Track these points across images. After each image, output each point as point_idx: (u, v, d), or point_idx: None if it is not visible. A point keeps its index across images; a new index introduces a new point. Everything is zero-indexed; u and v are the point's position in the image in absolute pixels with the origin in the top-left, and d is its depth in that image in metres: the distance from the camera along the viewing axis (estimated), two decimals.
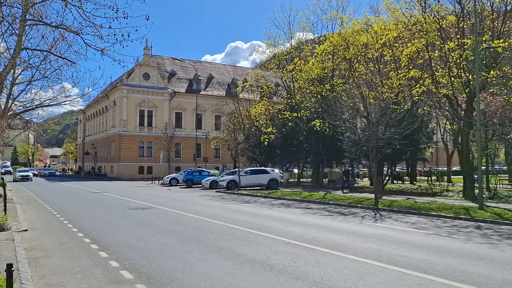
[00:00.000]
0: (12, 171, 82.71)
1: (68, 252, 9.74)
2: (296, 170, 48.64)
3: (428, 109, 30.69)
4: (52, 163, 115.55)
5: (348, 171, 34.47)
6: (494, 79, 22.37)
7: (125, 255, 9.35)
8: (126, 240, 11.15)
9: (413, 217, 16.43)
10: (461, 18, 23.06)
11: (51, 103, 18.33)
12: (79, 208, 20.01)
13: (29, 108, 19.01)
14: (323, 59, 33.96)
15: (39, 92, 18.67)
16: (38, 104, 18.41)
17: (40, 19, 12.00)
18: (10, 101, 17.46)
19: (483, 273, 7.78)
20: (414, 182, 41.50)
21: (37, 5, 11.92)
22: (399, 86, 26.00)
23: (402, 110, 24.90)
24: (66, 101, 18.32)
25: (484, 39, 21.45)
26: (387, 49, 28.06)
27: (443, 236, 12.00)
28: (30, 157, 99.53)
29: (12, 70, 14.60)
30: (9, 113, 18.38)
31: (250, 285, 7.03)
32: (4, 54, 14.28)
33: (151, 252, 9.60)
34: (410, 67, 26.12)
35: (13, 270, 5.23)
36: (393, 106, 23.04)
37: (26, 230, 12.82)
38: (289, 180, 43.13)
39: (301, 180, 44.29)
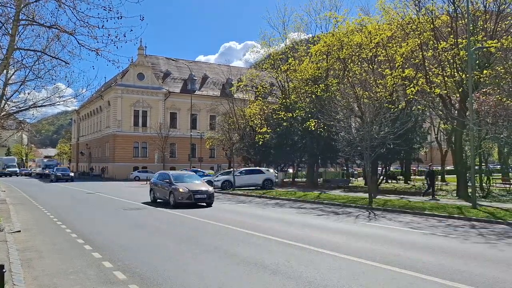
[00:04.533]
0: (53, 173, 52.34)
1: (61, 253, 9.70)
2: (291, 170, 48.72)
3: (422, 108, 30.82)
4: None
5: (432, 171, 25.17)
6: (487, 79, 22.52)
7: (118, 255, 9.33)
8: (120, 241, 11.12)
9: (407, 217, 16.51)
10: (455, 18, 23.21)
11: (44, 104, 18.18)
12: (72, 208, 19.93)
13: (23, 108, 18.85)
14: (318, 59, 34.04)
15: (32, 93, 18.50)
16: (32, 105, 18.26)
17: (34, 19, 11.94)
18: (3, 101, 17.28)
19: (475, 272, 7.84)
20: (408, 182, 41.70)
21: (30, 5, 11.86)
22: (393, 85, 26.12)
23: (396, 109, 25.00)
24: (60, 101, 18.17)
25: (478, 38, 21.59)
26: (381, 49, 28.16)
27: (436, 236, 12.07)
28: (24, 158, 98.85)
29: (5, 70, 14.49)
30: (2, 114, 18.20)
31: (243, 285, 7.04)
32: None
33: (145, 253, 9.58)
34: (406, 66, 26.25)
35: (5, 271, 5.21)
36: (387, 105, 23.12)
37: (19, 231, 12.75)
38: (284, 180, 43.19)
39: (296, 180, 44.35)
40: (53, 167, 63.03)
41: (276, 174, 39.84)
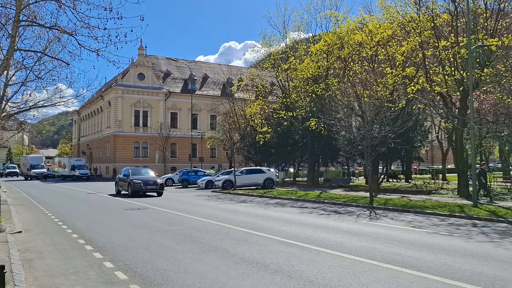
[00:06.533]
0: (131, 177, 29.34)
1: (62, 254, 9.71)
2: (291, 169, 48.73)
3: (423, 107, 30.82)
4: (47, 164, 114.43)
5: (484, 171, 22.71)
6: (487, 77, 22.50)
7: (119, 255, 9.34)
8: (121, 241, 11.13)
9: (408, 215, 16.50)
10: (455, 16, 23.20)
11: (45, 104, 18.20)
12: (73, 209, 19.95)
13: (23, 109, 18.88)
14: (318, 58, 34.05)
15: (33, 93, 18.52)
16: (32, 105, 18.29)
17: (34, 20, 11.95)
18: (4, 102, 17.31)
19: (476, 270, 7.83)
20: (410, 181, 41.69)
21: (31, 6, 11.87)
22: (394, 84, 26.12)
23: (396, 108, 25.00)
24: (61, 102, 18.20)
25: (479, 37, 21.58)
26: (381, 48, 28.16)
27: (437, 234, 12.06)
28: None
29: (5, 71, 14.50)
30: (3, 115, 18.27)
31: (244, 285, 7.04)
32: None
33: (146, 253, 9.58)
34: (406, 65, 26.25)
35: (5, 272, 5.22)
36: (388, 104, 23.12)
37: (20, 231, 12.76)
38: (285, 179, 43.19)
39: (296, 179, 44.35)
40: (83, 168, 57.22)
41: (277, 174, 39.89)
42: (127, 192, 27.51)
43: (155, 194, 27.52)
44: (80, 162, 59.49)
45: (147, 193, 27.52)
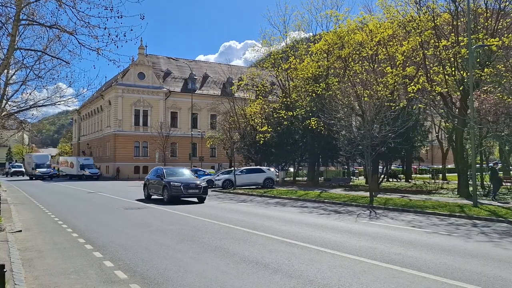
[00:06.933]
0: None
1: (62, 253, 9.70)
2: (291, 169, 48.74)
3: (423, 106, 30.82)
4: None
5: (495, 169, 22.87)
6: (488, 77, 22.50)
7: (119, 255, 9.33)
8: (121, 240, 11.13)
9: (408, 215, 16.50)
10: (455, 16, 23.20)
11: (45, 103, 18.19)
12: (73, 208, 19.94)
13: (23, 108, 18.86)
14: (318, 58, 34.06)
15: (33, 92, 18.49)
16: (32, 104, 18.27)
17: (34, 19, 11.94)
18: (4, 101, 17.29)
19: (476, 270, 7.83)
20: (410, 180, 41.70)
21: (31, 5, 11.86)
22: (394, 84, 26.12)
23: (397, 108, 25.00)
24: (61, 101, 18.17)
25: (479, 36, 21.59)
26: (381, 48, 28.16)
27: (437, 234, 12.06)
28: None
29: (5, 70, 14.49)
30: (3, 114, 18.25)
31: (244, 284, 7.04)
32: None
33: (146, 252, 9.58)
34: (407, 64, 26.25)
35: (5, 271, 5.21)
36: (388, 104, 23.11)
37: (20, 231, 12.76)
38: (285, 179, 43.19)
39: (296, 178, 44.34)
40: (92, 167, 55.95)
41: (277, 173, 39.89)
42: (161, 197, 22.58)
43: (195, 199, 22.72)
44: (89, 161, 57.98)
45: (184, 199, 22.84)
